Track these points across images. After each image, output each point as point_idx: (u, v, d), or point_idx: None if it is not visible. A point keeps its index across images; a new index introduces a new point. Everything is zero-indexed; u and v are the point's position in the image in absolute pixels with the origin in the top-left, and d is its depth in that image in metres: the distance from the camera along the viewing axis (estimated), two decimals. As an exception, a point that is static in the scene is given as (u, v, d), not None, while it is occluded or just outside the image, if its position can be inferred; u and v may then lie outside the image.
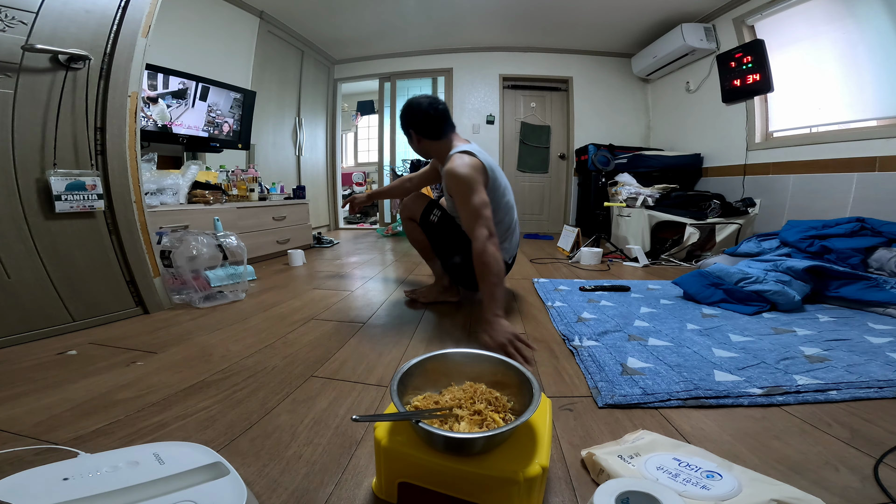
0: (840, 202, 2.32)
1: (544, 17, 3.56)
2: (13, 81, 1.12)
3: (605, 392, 0.86)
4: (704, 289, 1.61)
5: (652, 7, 3.23)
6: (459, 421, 0.55)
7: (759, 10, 2.82)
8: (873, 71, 2.26)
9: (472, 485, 0.51)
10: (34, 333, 1.18)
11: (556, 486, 0.59)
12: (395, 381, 0.58)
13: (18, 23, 1.10)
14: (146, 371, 0.99)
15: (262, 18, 3.28)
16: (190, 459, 0.52)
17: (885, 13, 2.16)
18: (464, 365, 0.68)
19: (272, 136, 3.55)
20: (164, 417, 0.77)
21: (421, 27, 3.80)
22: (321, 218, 4.44)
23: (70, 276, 1.27)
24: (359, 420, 0.50)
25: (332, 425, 0.75)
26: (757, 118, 2.93)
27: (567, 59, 4.29)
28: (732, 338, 1.19)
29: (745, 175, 3.00)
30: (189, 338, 1.22)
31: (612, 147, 3.78)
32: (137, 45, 1.37)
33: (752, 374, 0.94)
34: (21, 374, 0.96)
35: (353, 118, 6.66)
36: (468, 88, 4.42)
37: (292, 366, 1.02)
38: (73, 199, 1.25)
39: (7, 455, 0.64)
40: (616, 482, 0.47)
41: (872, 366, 0.98)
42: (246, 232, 2.38)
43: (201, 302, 1.57)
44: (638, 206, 2.87)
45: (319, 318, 1.41)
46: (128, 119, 1.38)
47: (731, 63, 3.01)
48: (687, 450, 0.63)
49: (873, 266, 1.72)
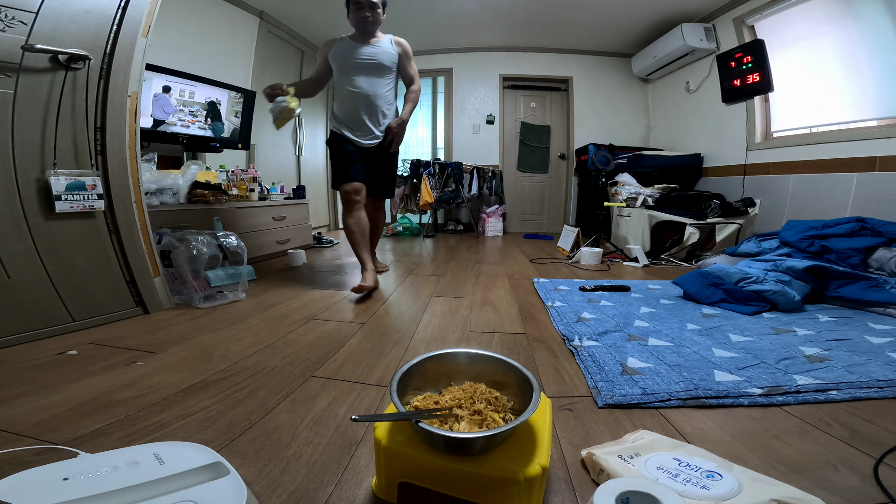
0: (840, 202, 2.32)
1: (544, 17, 3.56)
2: (13, 81, 1.12)
3: (605, 392, 0.86)
4: (704, 289, 1.61)
5: (652, 7, 3.23)
6: (459, 421, 0.55)
7: (759, 10, 2.82)
8: (873, 71, 2.26)
9: (472, 485, 0.51)
10: (34, 333, 1.18)
11: (556, 486, 0.59)
12: (395, 381, 0.58)
13: (18, 23, 1.10)
14: (146, 371, 0.99)
15: (262, 18, 3.28)
16: (190, 459, 0.52)
17: (885, 13, 2.16)
18: (464, 365, 0.68)
19: (272, 136, 3.55)
20: (164, 417, 0.77)
21: (421, 27, 3.80)
22: (321, 218, 4.44)
23: (70, 276, 1.27)
24: (359, 420, 0.50)
25: (332, 425, 0.75)
26: (757, 118, 2.93)
27: (567, 59, 4.29)
28: (732, 338, 1.19)
29: (745, 175, 3.00)
30: (189, 338, 1.22)
31: (612, 147, 3.78)
32: (137, 45, 1.37)
33: (753, 374, 0.94)
34: (21, 374, 0.96)
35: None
36: (468, 88, 4.42)
37: (292, 366, 1.02)
38: (73, 199, 1.25)
39: (7, 455, 0.64)
40: (616, 482, 0.47)
41: (872, 366, 0.98)
42: (246, 232, 2.38)
43: (201, 302, 1.57)
44: (638, 206, 2.87)
45: (319, 318, 1.41)
46: (128, 119, 1.38)
47: (731, 63, 3.01)
48: (687, 450, 0.63)
49: (873, 266, 1.72)
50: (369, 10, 1.76)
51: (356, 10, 1.77)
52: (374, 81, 1.82)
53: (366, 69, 1.80)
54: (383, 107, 1.86)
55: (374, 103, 1.83)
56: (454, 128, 4.48)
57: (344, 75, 1.82)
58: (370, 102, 1.82)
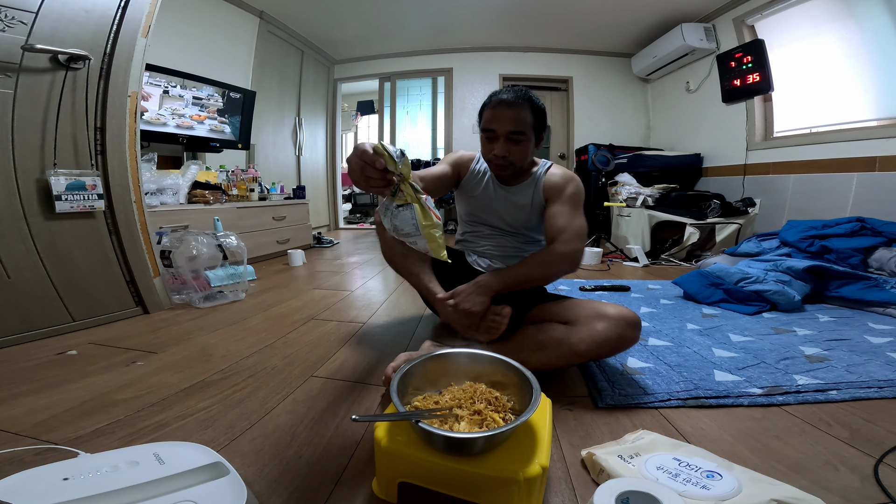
0: (840, 202, 2.32)
1: (544, 17, 3.55)
2: (13, 81, 1.12)
3: (605, 392, 0.86)
4: (704, 289, 1.61)
5: (652, 7, 3.22)
6: (459, 421, 0.55)
7: (759, 9, 2.81)
8: (873, 71, 2.26)
9: (472, 485, 0.51)
10: (34, 333, 1.18)
11: (556, 486, 0.59)
12: (395, 381, 0.58)
13: (18, 23, 1.10)
14: (146, 371, 0.99)
15: (262, 18, 3.28)
16: (190, 459, 0.52)
17: (886, 13, 2.16)
18: (464, 365, 0.68)
19: (272, 136, 3.55)
20: (164, 417, 0.77)
21: (421, 27, 3.79)
22: (321, 218, 4.44)
23: (70, 276, 1.27)
24: (359, 420, 0.50)
25: (332, 425, 0.75)
26: (757, 118, 2.93)
27: (567, 59, 4.29)
28: (732, 338, 1.19)
29: (745, 175, 3.00)
30: (189, 338, 1.22)
31: (612, 147, 3.78)
32: (137, 45, 1.37)
33: (753, 374, 0.94)
34: (21, 374, 0.96)
35: (353, 118, 6.66)
36: (468, 88, 4.42)
37: (292, 366, 1.02)
38: (74, 199, 1.25)
39: (7, 455, 0.64)
40: (616, 482, 0.47)
41: (872, 365, 0.98)
42: (246, 232, 2.37)
43: (201, 302, 1.57)
44: (638, 206, 2.87)
45: (319, 318, 1.41)
46: (128, 119, 1.38)
47: (731, 63, 3.01)
48: (687, 450, 0.63)
49: (873, 266, 1.72)
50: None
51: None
52: None
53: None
54: None
55: None
56: (454, 128, 4.47)
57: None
58: None
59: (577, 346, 0.82)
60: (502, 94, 0.97)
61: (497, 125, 0.96)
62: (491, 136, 0.98)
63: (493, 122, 0.97)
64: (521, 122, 0.95)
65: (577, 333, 0.83)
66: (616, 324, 0.82)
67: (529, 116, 0.96)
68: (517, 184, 1.10)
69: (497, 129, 0.96)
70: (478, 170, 1.15)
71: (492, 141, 0.99)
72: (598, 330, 0.82)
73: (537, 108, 0.98)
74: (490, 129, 0.98)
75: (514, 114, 0.94)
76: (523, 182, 1.09)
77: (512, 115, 0.94)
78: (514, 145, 0.98)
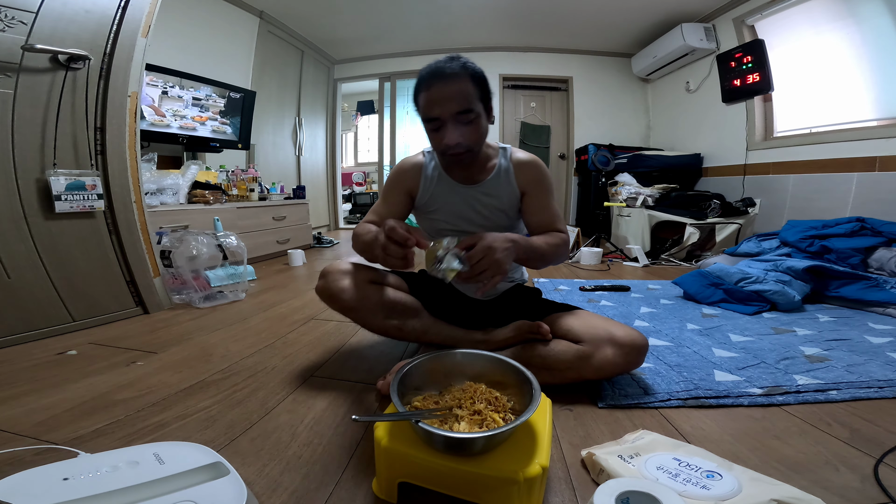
0: (840, 202, 2.32)
1: (544, 17, 3.55)
2: (13, 81, 1.12)
3: (605, 392, 0.86)
4: (704, 289, 1.61)
5: (652, 7, 3.22)
6: (459, 421, 0.55)
7: (759, 9, 2.81)
8: (873, 71, 2.26)
9: (472, 485, 0.51)
10: (34, 333, 1.18)
11: (556, 486, 0.59)
12: (395, 381, 0.58)
13: (18, 23, 1.10)
14: (146, 371, 0.98)
15: (262, 18, 3.28)
16: (190, 459, 0.52)
17: (886, 13, 2.16)
18: (464, 365, 0.68)
19: (272, 136, 3.55)
20: (164, 417, 0.77)
21: (421, 27, 3.79)
22: (321, 218, 4.43)
23: (70, 276, 1.27)
24: (359, 420, 0.50)
25: (332, 425, 0.75)
26: (757, 118, 2.93)
27: (567, 59, 4.29)
28: (732, 338, 1.19)
29: (745, 175, 3.00)
30: (189, 338, 1.22)
31: (612, 147, 3.78)
32: (137, 45, 1.37)
33: (753, 374, 0.94)
34: (21, 374, 0.96)
35: (353, 118, 6.66)
36: (468, 88, 4.42)
37: (292, 366, 1.02)
38: (73, 199, 1.25)
39: (7, 455, 0.64)
40: (616, 482, 0.47)
41: (872, 365, 0.98)
42: (246, 232, 2.37)
43: (201, 302, 1.57)
44: (638, 206, 2.87)
45: (319, 318, 1.41)
46: (128, 119, 1.38)
47: (731, 63, 3.01)
48: (687, 450, 0.63)
49: (873, 266, 1.72)
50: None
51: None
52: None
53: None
54: None
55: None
56: (454, 128, 4.47)
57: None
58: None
59: (584, 372, 0.81)
60: (433, 70, 0.81)
61: (440, 109, 0.80)
62: (436, 125, 0.83)
63: (434, 108, 0.81)
64: (467, 97, 0.80)
65: (587, 361, 0.81)
66: (627, 352, 0.79)
67: (472, 87, 0.81)
68: (483, 180, 0.96)
69: (441, 115, 0.80)
70: (431, 177, 1.00)
71: (439, 130, 0.83)
72: (607, 358, 0.79)
73: (477, 75, 0.83)
74: (433, 117, 0.82)
75: (457, 89, 0.79)
76: (489, 177, 0.96)
77: (453, 92, 0.79)
78: (465, 127, 0.82)
